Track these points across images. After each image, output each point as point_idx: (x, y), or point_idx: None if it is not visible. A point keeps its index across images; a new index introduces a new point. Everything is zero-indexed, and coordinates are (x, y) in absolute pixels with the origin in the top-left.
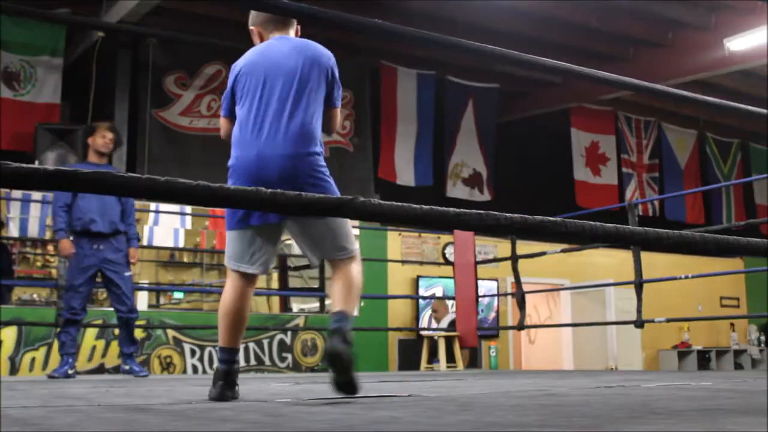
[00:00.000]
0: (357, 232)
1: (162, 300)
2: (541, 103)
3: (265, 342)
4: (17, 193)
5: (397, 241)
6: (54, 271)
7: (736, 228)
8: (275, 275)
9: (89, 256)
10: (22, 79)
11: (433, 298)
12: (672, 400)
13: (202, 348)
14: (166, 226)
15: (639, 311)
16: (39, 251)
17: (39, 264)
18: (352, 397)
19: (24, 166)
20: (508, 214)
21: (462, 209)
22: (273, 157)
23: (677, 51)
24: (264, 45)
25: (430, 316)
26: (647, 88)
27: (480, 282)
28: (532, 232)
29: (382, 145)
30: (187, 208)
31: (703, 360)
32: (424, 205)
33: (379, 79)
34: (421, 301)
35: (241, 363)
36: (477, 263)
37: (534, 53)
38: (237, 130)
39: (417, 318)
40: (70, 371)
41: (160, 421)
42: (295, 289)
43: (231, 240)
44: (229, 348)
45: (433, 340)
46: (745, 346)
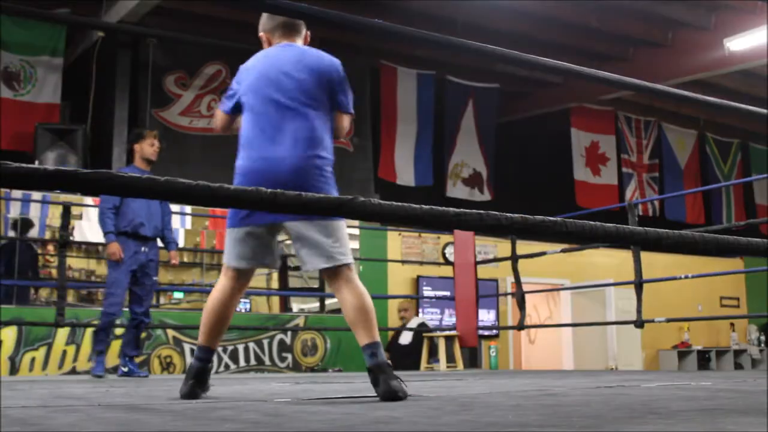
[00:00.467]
0: (357, 232)
1: (162, 300)
2: (541, 103)
3: (265, 342)
4: (17, 193)
5: (397, 241)
6: (54, 271)
7: (736, 228)
8: (275, 275)
9: (135, 259)
10: (22, 79)
11: (433, 298)
12: (672, 400)
13: None
14: None
15: (639, 311)
16: (39, 251)
17: (39, 264)
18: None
19: (24, 166)
20: (508, 214)
21: (462, 209)
22: (284, 160)
23: (677, 51)
24: (272, 50)
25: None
26: (647, 88)
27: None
28: (532, 232)
29: (382, 145)
30: (187, 208)
31: (703, 360)
32: (424, 205)
33: (379, 79)
34: (421, 301)
35: (241, 363)
36: (477, 263)
37: (534, 53)
38: (247, 133)
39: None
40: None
41: (160, 421)
42: (295, 289)
43: (231, 238)
44: (207, 347)
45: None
46: (745, 346)
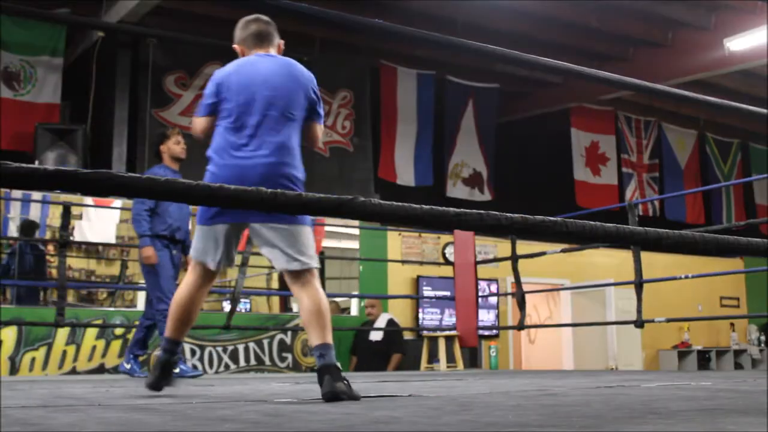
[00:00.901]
0: (357, 232)
1: None
2: (541, 103)
3: (265, 342)
4: (17, 193)
5: (397, 241)
6: (54, 271)
7: (736, 228)
8: (275, 275)
9: (171, 258)
10: (22, 79)
11: (433, 298)
12: (672, 400)
13: (202, 348)
14: None
15: (639, 311)
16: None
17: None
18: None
19: (24, 166)
20: (508, 214)
21: (462, 209)
22: (256, 167)
23: (677, 51)
24: (252, 59)
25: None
26: (647, 88)
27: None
28: (532, 232)
29: (382, 145)
30: None
31: (703, 360)
32: (424, 205)
33: (379, 79)
34: (421, 301)
35: (241, 363)
36: (477, 263)
37: (534, 53)
38: (223, 140)
39: (417, 318)
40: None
41: (160, 421)
42: None
43: (201, 235)
44: (174, 339)
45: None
46: (745, 346)
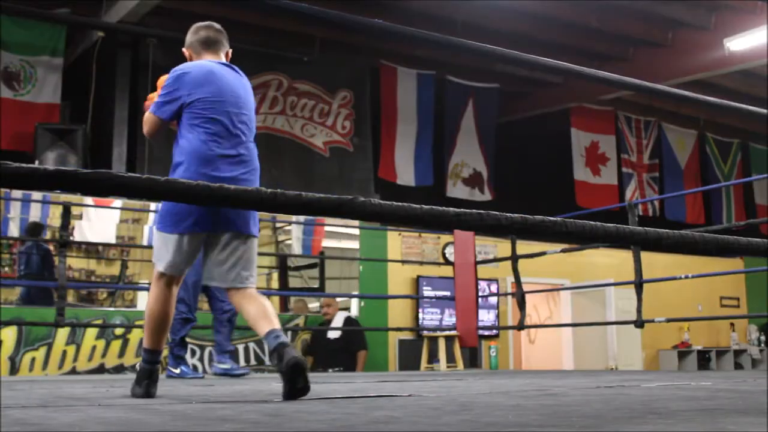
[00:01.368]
0: (357, 232)
1: None
2: (541, 103)
3: (265, 342)
4: (17, 193)
5: (397, 241)
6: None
7: (736, 228)
8: (275, 275)
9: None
10: (22, 79)
11: (433, 298)
12: (672, 400)
13: (202, 348)
14: None
15: (639, 311)
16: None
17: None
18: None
19: (24, 166)
20: (508, 214)
21: (462, 209)
22: (231, 181)
23: (677, 51)
24: (213, 66)
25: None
26: (647, 88)
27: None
28: (532, 232)
29: (382, 145)
30: None
31: (703, 360)
32: (424, 205)
33: (379, 79)
34: (421, 301)
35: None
36: (477, 263)
37: (534, 53)
38: (198, 146)
39: (417, 318)
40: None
41: (160, 421)
42: (295, 289)
43: (168, 243)
44: (154, 350)
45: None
46: (745, 346)
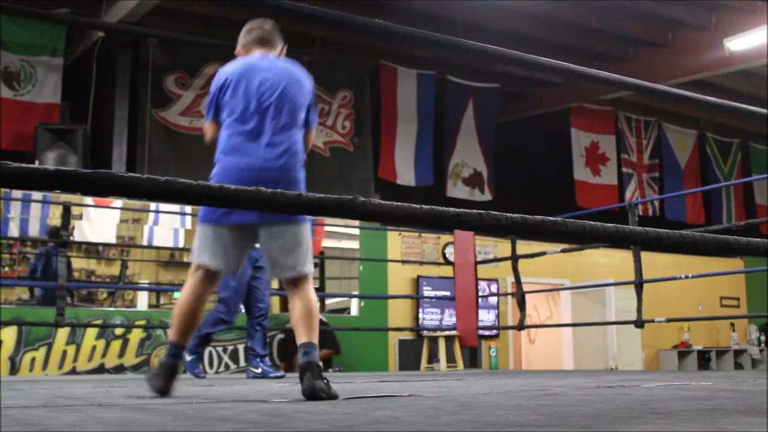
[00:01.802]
0: (357, 232)
1: (162, 300)
2: (541, 103)
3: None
4: (17, 193)
5: (397, 241)
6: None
7: (736, 228)
8: None
9: (250, 256)
10: (22, 79)
11: (433, 298)
12: (672, 400)
13: None
14: (166, 226)
15: (639, 311)
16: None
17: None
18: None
19: (24, 166)
20: (508, 214)
21: (462, 209)
22: (269, 169)
23: (677, 51)
24: (253, 59)
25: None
26: (647, 88)
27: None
28: (532, 232)
29: (382, 145)
30: (187, 208)
31: (703, 360)
32: (424, 205)
33: (379, 79)
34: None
35: (241, 363)
36: (477, 263)
37: (534, 53)
38: (232, 139)
39: (417, 318)
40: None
41: (160, 421)
42: None
43: (204, 235)
44: (180, 345)
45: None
46: (745, 346)
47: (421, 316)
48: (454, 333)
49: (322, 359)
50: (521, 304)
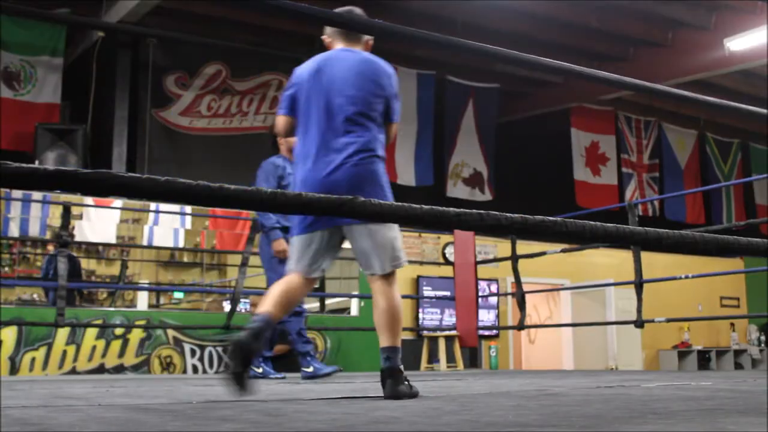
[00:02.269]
0: None
1: (162, 300)
2: (541, 103)
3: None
4: (17, 193)
5: None
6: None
7: (736, 228)
8: None
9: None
10: (22, 79)
11: (433, 298)
12: (672, 400)
13: (202, 348)
14: (166, 226)
15: (639, 311)
16: (39, 251)
17: (39, 264)
18: (352, 397)
19: (24, 166)
20: (508, 214)
21: (462, 209)
22: (340, 168)
23: (677, 51)
24: (328, 56)
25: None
26: (647, 88)
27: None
28: (532, 232)
29: None
30: (187, 208)
31: (703, 360)
32: (424, 205)
33: None
34: (421, 301)
35: None
36: (477, 263)
37: (534, 53)
38: (303, 145)
39: (417, 318)
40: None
41: (160, 421)
42: None
43: (298, 245)
44: (272, 317)
45: (433, 340)
46: (745, 346)
47: (421, 316)
48: (454, 333)
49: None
50: (521, 304)
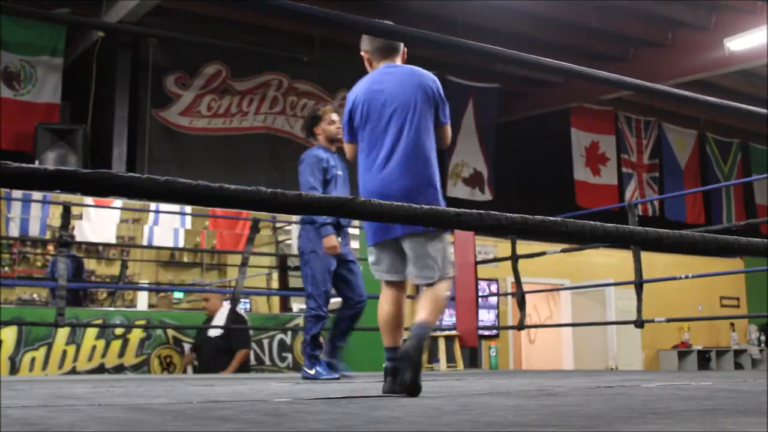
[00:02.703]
0: (357, 232)
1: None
2: (541, 103)
3: (265, 342)
4: (17, 193)
5: None
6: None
7: (736, 228)
8: (275, 275)
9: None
10: (22, 79)
11: None
12: (672, 400)
13: None
14: (166, 226)
15: (639, 311)
16: (39, 251)
17: (39, 264)
18: (352, 397)
19: (24, 166)
20: (508, 214)
21: (462, 209)
22: (396, 181)
23: (677, 51)
24: (376, 75)
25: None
26: (647, 88)
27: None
28: (532, 232)
29: None
30: (187, 208)
31: (703, 360)
32: (424, 205)
33: None
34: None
35: None
36: (477, 263)
37: (534, 53)
38: (361, 160)
39: None
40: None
41: (160, 421)
42: (295, 289)
43: (374, 255)
44: (392, 347)
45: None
46: (745, 346)
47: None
48: (454, 333)
49: (241, 363)
50: (521, 304)
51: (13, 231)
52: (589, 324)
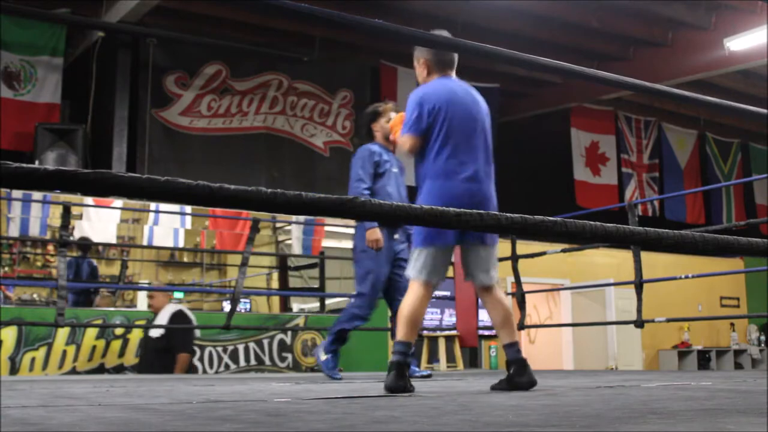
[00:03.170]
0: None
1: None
2: (541, 103)
3: (265, 342)
4: (18, 193)
5: None
6: (54, 271)
7: (736, 228)
8: (275, 275)
9: (390, 248)
10: (22, 78)
11: (433, 298)
12: (672, 400)
13: (202, 348)
14: (166, 226)
15: (639, 311)
16: (39, 251)
17: (39, 264)
18: (352, 397)
19: (24, 166)
20: (508, 214)
21: (462, 209)
22: (481, 191)
23: (677, 51)
24: (452, 86)
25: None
26: (647, 88)
27: None
28: (532, 232)
29: None
30: (187, 208)
31: (703, 360)
32: (424, 205)
33: (379, 79)
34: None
35: (241, 363)
36: None
37: (534, 53)
38: (442, 163)
39: None
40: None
41: (160, 421)
42: (295, 289)
43: (429, 257)
44: (408, 342)
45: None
46: (745, 346)
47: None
48: (454, 333)
49: (182, 368)
50: (521, 304)
51: (13, 231)
52: (589, 324)
